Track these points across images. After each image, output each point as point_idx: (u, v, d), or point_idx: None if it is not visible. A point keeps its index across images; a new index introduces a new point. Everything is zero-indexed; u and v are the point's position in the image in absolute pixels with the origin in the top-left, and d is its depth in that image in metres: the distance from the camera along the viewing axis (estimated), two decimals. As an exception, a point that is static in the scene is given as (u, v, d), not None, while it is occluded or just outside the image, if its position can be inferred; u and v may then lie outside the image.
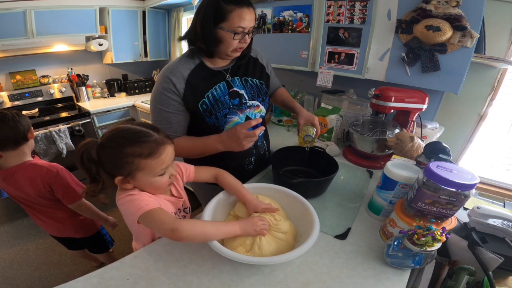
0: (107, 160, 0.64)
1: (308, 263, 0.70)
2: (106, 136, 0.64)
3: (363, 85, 1.48)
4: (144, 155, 0.63)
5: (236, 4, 0.80)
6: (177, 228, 0.59)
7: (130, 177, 0.65)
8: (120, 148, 0.62)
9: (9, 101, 2.27)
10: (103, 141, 0.64)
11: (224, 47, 0.86)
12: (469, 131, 1.44)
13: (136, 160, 0.63)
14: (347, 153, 1.30)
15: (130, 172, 0.64)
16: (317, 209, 0.76)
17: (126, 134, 0.64)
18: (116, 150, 0.62)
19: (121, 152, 0.62)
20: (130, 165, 0.63)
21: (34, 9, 2.02)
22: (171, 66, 0.89)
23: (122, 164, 0.63)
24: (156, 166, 0.66)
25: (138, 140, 0.63)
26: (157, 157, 0.65)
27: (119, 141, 0.63)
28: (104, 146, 0.63)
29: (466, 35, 1.12)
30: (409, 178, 0.77)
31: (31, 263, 1.79)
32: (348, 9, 1.40)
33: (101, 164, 0.65)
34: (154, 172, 0.66)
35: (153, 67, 3.21)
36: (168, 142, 0.68)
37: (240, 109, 0.96)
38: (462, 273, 0.70)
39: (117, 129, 0.65)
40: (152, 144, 0.64)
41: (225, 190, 0.84)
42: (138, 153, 0.63)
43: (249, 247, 0.67)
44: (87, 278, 0.64)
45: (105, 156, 0.63)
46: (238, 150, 0.84)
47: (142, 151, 0.63)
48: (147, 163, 0.64)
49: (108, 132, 0.65)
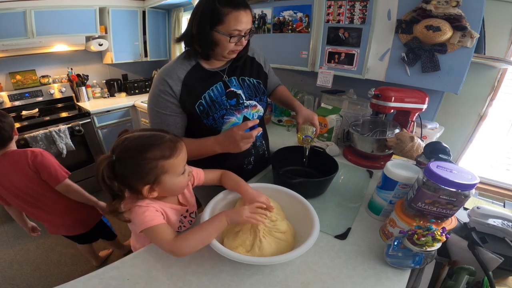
0: (130, 172, 0.61)
1: (308, 263, 0.70)
2: (120, 149, 0.61)
3: (363, 85, 1.48)
4: (166, 156, 0.62)
5: (232, 7, 0.78)
6: (174, 250, 0.62)
7: (157, 183, 0.64)
8: (141, 155, 0.61)
9: (9, 101, 2.27)
10: (119, 154, 0.61)
11: (220, 50, 0.86)
12: (469, 131, 1.44)
13: (160, 163, 0.62)
14: (347, 153, 1.30)
15: (156, 177, 0.63)
16: (317, 209, 0.76)
17: (141, 141, 0.62)
18: (138, 159, 0.61)
19: (143, 158, 0.61)
20: (155, 169, 0.62)
21: (34, 9, 2.02)
22: (167, 68, 0.89)
23: (147, 171, 0.61)
24: (179, 164, 0.65)
25: (155, 143, 0.62)
26: (178, 155, 0.64)
27: (138, 149, 0.61)
28: (123, 159, 0.61)
29: (466, 35, 1.12)
30: (409, 178, 0.77)
31: (31, 263, 1.79)
32: (348, 9, 1.40)
33: (124, 178, 0.62)
34: (178, 171, 0.66)
35: (153, 67, 3.21)
36: (180, 140, 0.68)
37: (237, 109, 0.96)
38: (462, 273, 0.70)
39: (127, 139, 0.62)
40: (169, 144, 0.64)
41: (227, 188, 0.84)
42: (160, 156, 0.62)
43: (249, 248, 0.67)
44: (87, 278, 0.64)
45: (126, 168, 0.61)
46: (236, 151, 0.85)
47: (163, 153, 0.62)
48: (171, 163, 0.63)
49: (118, 145, 0.62)
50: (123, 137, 0.63)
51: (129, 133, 0.65)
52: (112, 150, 0.62)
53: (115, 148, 0.62)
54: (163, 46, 3.03)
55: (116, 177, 0.62)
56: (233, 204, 0.84)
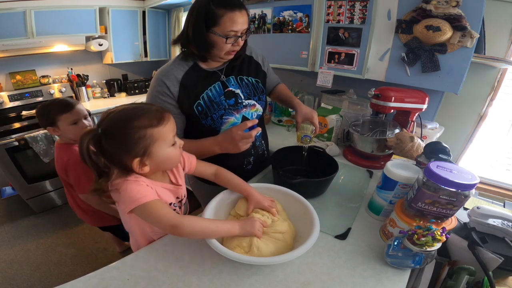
0: (118, 144, 0.59)
1: (308, 263, 0.70)
2: (106, 122, 0.59)
3: (363, 85, 1.48)
4: (154, 124, 0.60)
5: (227, 8, 0.78)
6: (178, 225, 0.59)
7: (147, 155, 0.61)
8: (128, 125, 0.58)
9: (9, 101, 2.27)
10: (105, 127, 0.59)
11: (217, 51, 0.85)
12: (469, 131, 1.44)
13: (149, 131, 0.60)
14: (347, 153, 1.30)
15: (145, 147, 0.60)
16: (317, 209, 0.76)
17: (127, 111, 0.60)
18: (125, 129, 0.58)
19: (131, 127, 0.58)
20: (143, 139, 0.59)
21: (34, 9, 2.02)
22: (164, 69, 0.88)
23: (135, 142, 0.59)
24: (168, 132, 0.63)
25: (142, 113, 0.60)
26: (166, 122, 0.63)
27: (124, 118, 0.59)
28: (109, 132, 0.58)
29: (466, 35, 1.12)
30: (409, 178, 0.77)
31: (31, 263, 1.79)
32: (348, 9, 1.40)
33: (110, 152, 0.60)
34: (168, 139, 0.64)
35: (153, 67, 3.21)
36: (167, 111, 0.66)
37: (236, 109, 0.95)
38: (462, 273, 0.70)
39: (112, 112, 0.61)
40: (156, 113, 0.62)
41: (227, 188, 0.84)
42: (148, 124, 0.60)
43: (247, 248, 0.67)
44: (88, 278, 0.64)
45: (113, 141, 0.59)
46: (235, 152, 0.85)
47: (151, 121, 0.60)
48: (160, 131, 0.61)
49: (103, 118, 0.60)
50: (108, 111, 0.61)
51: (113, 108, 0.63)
52: (97, 125, 0.60)
53: (100, 122, 0.60)
54: (163, 46, 3.03)
55: (103, 153, 0.60)
56: (234, 204, 0.84)
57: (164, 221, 0.60)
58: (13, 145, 1.95)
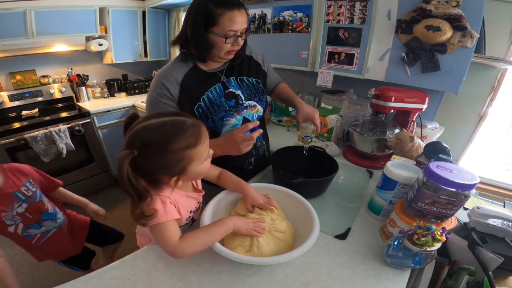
0: (155, 166, 0.57)
1: (308, 263, 0.70)
2: (141, 141, 0.55)
3: (363, 85, 1.48)
4: (192, 144, 0.59)
5: (226, 7, 0.77)
6: (175, 252, 0.61)
7: (183, 173, 0.61)
8: (166, 147, 0.56)
9: (9, 101, 2.27)
10: (141, 149, 0.55)
11: (217, 51, 0.85)
12: (469, 131, 1.44)
13: (187, 153, 0.58)
14: (347, 153, 1.30)
15: (183, 167, 0.59)
16: (317, 209, 0.76)
17: (163, 130, 0.57)
18: (164, 153, 0.56)
19: (169, 151, 0.56)
20: (182, 160, 0.58)
21: (34, 9, 2.02)
22: (164, 71, 0.88)
23: (174, 163, 0.58)
24: (204, 151, 0.62)
25: (179, 132, 0.57)
26: (203, 141, 0.61)
27: (162, 141, 0.56)
28: (147, 154, 0.55)
29: (466, 35, 1.12)
30: (409, 178, 0.77)
31: (31, 263, 1.79)
32: (348, 9, 1.40)
33: (148, 173, 0.58)
34: (203, 157, 0.63)
35: (153, 67, 3.21)
36: (201, 123, 0.63)
37: (236, 110, 0.95)
38: (462, 273, 0.70)
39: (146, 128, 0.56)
40: (193, 130, 0.59)
41: (227, 188, 0.84)
42: (186, 145, 0.58)
43: (248, 248, 0.67)
44: (87, 278, 0.64)
45: (152, 163, 0.56)
46: (237, 154, 0.84)
47: (189, 141, 0.58)
48: (197, 152, 0.60)
49: (136, 136, 0.56)
50: (140, 127, 0.57)
51: (145, 120, 0.58)
52: (129, 144, 0.56)
53: (133, 140, 0.56)
54: (163, 46, 3.03)
55: (140, 174, 0.57)
56: (234, 204, 0.84)
57: (166, 247, 0.61)
58: (13, 145, 1.95)
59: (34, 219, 1.07)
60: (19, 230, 1.05)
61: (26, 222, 1.05)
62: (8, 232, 1.03)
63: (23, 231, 1.06)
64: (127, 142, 0.56)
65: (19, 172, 1.06)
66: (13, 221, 1.01)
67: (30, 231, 1.08)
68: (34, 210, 1.06)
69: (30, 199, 1.04)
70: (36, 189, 1.08)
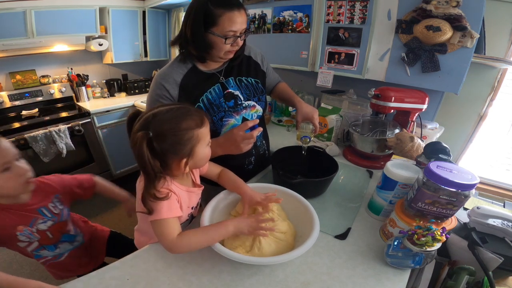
0: (170, 146, 0.61)
1: (308, 263, 0.70)
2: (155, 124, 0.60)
3: (363, 85, 1.48)
4: (199, 124, 0.64)
5: (225, 8, 0.77)
6: (173, 248, 0.63)
7: (191, 155, 0.65)
8: (178, 126, 0.61)
9: (9, 101, 2.27)
10: (156, 129, 0.59)
11: (216, 51, 0.85)
12: (469, 131, 1.44)
13: (195, 132, 0.63)
14: (347, 153, 1.30)
15: (191, 147, 0.64)
16: (317, 209, 0.76)
17: (173, 114, 0.62)
18: (176, 131, 0.61)
19: (181, 129, 0.61)
20: (191, 139, 0.63)
21: (34, 9, 2.02)
22: (163, 72, 0.88)
23: (185, 143, 0.62)
24: (207, 133, 0.67)
25: (187, 115, 0.63)
26: (206, 124, 0.66)
27: (174, 121, 0.61)
28: (161, 134, 0.60)
29: (466, 35, 1.12)
30: (409, 178, 0.77)
31: (31, 263, 1.79)
32: (348, 9, 1.41)
33: (163, 155, 0.61)
34: (207, 139, 0.67)
35: (153, 67, 3.21)
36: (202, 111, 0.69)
37: (235, 110, 0.95)
38: (462, 273, 0.70)
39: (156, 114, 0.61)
40: (197, 113, 0.65)
41: (226, 187, 0.84)
42: (194, 125, 0.63)
43: (249, 248, 0.68)
44: (87, 278, 0.64)
45: (167, 142, 0.60)
46: (237, 153, 0.85)
47: (196, 122, 0.63)
48: (203, 132, 0.65)
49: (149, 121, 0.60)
50: (150, 114, 0.62)
51: (154, 109, 0.63)
52: (143, 128, 0.59)
53: (147, 124, 0.60)
54: (163, 46, 3.03)
55: (156, 156, 0.60)
56: (234, 204, 0.84)
57: (165, 242, 0.63)
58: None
59: (54, 239, 0.94)
60: (29, 248, 0.91)
61: (43, 242, 0.91)
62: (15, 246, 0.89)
63: (34, 250, 0.92)
64: (140, 127, 0.60)
65: (48, 186, 0.93)
66: (28, 238, 0.87)
67: (42, 252, 0.94)
68: (57, 229, 0.93)
69: (57, 217, 0.92)
70: (64, 206, 0.96)
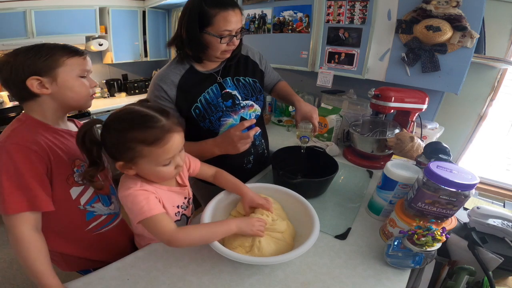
0: (110, 142, 0.60)
1: (308, 263, 0.70)
2: (113, 116, 0.60)
3: (363, 85, 1.48)
4: (147, 141, 0.58)
5: (220, 7, 0.77)
6: (173, 240, 0.61)
7: (132, 163, 0.61)
8: (123, 131, 0.58)
9: (9, 101, 2.27)
10: (109, 121, 0.60)
11: (212, 51, 0.85)
12: (469, 131, 1.44)
13: (139, 147, 0.58)
14: (347, 153, 1.30)
15: (132, 158, 0.60)
16: (317, 209, 0.76)
17: (132, 116, 0.60)
18: (119, 133, 0.59)
19: (124, 136, 0.58)
20: (132, 151, 0.59)
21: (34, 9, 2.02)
22: (160, 74, 0.89)
23: (124, 149, 0.59)
24: (160, 154, 0.60)
25: (143, 125, 0.58)
26: (162, 145, 0.59)
27: (124, 124, 0.59)
28: (108, 127, 0.60)
29: (466, 35, 1.12)
30: (409, 178, 0.77)
31: (31, 263, 1.79)
32: (348, 9, 1.41)
33: (104, 146, 0.62)
34: (158, 161, 0.61)
35: (153, 67, 3.21)
36: (177, 130, 0.62)
37: (233, 110, 0.95)
38: (462, 273, 0.70)
39: (125, 110, 0.61)
40: (158, 131, 0.59)
41: (225, 188, 0.84)
42: (141, 139, 0.58)
43: (248, 248, 0.67)
44: (87, 278, 0.64)
45: (109, 137, 0.60)
46: (234, 153, 0.85)
47: (146, 137, 0.58)
48: (150, 151, 0.59)
49: (116, 112, 0.61)
50: (125, 106, 0.62)
51: (136, 104, 0.64)
52: (109, 115, 0.62)
53: (112, 113, 0.61)
54: (163, 46, 3.03)
55: (98, 142, 0.62)
56: (234, 204, 0.84)
57: (163, 236, 0.61)
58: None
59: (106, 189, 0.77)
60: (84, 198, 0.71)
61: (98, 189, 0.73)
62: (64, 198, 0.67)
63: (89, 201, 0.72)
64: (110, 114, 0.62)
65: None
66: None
67: (96, 207, 0.74)
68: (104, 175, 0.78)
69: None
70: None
